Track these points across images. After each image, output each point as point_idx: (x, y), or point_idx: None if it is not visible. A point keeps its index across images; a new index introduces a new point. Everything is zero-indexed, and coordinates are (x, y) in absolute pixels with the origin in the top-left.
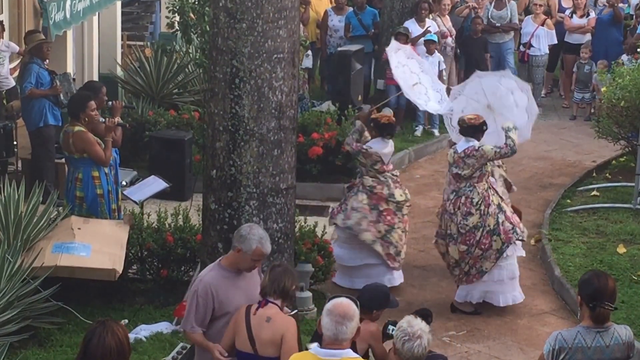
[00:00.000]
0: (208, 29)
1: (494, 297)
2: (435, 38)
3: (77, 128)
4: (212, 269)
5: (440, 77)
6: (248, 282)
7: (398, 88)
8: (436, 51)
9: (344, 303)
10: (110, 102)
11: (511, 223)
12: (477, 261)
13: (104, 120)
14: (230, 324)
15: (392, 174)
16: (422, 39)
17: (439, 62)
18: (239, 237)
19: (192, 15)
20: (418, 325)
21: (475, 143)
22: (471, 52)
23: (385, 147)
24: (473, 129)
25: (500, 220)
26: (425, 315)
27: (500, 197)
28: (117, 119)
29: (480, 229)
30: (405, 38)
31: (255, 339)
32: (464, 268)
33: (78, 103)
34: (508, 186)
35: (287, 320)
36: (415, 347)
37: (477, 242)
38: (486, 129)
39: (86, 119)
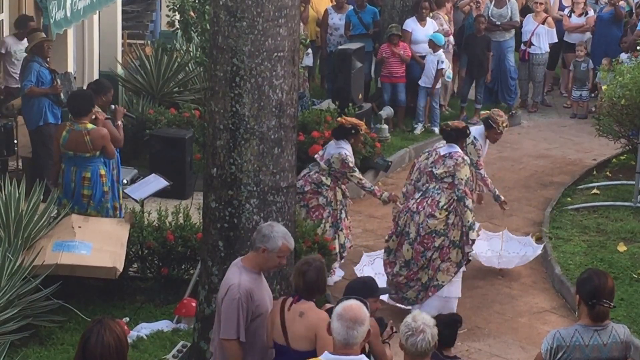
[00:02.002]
0: (208, 27)
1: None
2: (440, 39)
3: (90, 126)
4: (241, 273)
5: (437, 75)
6: (265, 281)
7: (392, 86)
8: (440, 50)
9: (354, 307)
10: (112, 106)
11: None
12: (435, 273)
13: (114, 106)
14: (268, 319)
15: (316, 171)
16: (426, 37)
17: (438, 61)
18: (262, 237)
19: (192, 13)
20: (422, 319)
21: (459, 150)
22: (474, 51)
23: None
24: (457, 132)
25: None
26: (455, 321)
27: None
28: (105, 114)
29: (442, 237)
30: (398, 38)
31: (288, 332)
32: (421, 278)
33: (88, 101)
34: (479, 199)
35: (320, 316)
36: (419, 342)
37: (437, 249)
38: (469, 133)
39: (94, 116)
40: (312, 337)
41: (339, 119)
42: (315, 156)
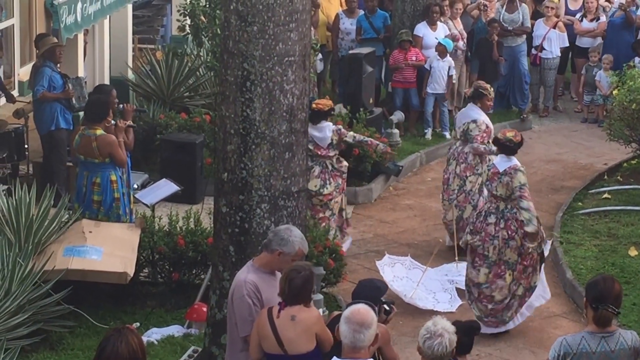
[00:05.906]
0: (219, 32)
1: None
2: (450, 44)
3: (99, 132)
4: (249, 271)
5: (449, 81)
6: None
7: (405, 91)
8: (448, 55)
9: (362, 310)
10: (121, 106)
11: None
12: (530, 279)
13: (114, 122)
14: (254, 329)
15: (331, 164)
16: (435, 42)
17: (449, 67)
18: (280, 240)
19: (203, 18)
20: (442, 324)
21: (516, 162)
22: (486, 56)
23: (314, 131)
24: (514, 145)
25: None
26: (474, 328)
27: None
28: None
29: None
30: (409, 44)
31: (283, 340)
32: (517, 292)
33: (103, 108)
34: None
35: (312, 314)
36: (436, 346)
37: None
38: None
39: (107, 123)
40: (311, 338)
41: (312, 105)
42: (320, 152)
